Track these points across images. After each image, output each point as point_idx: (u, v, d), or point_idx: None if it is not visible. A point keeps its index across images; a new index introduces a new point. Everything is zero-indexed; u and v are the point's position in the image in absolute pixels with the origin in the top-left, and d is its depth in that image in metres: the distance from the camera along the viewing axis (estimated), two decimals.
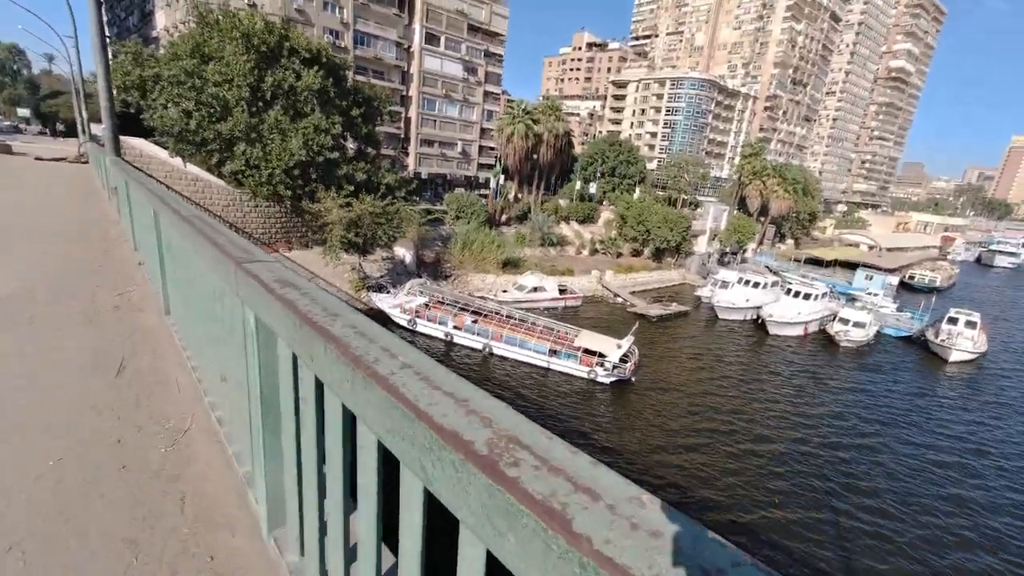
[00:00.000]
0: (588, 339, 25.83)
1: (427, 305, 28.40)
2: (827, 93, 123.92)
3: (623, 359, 24.87)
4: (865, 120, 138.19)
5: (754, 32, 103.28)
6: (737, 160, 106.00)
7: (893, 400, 27.26)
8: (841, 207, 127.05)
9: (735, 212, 63.09)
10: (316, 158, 28.33)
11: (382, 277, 32.25)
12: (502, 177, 49.81)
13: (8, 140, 24.70)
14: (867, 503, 17.43)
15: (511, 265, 40.32)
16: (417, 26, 52.87)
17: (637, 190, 75.59)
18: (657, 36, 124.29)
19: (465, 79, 57.90)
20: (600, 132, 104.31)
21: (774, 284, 41.37)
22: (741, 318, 39.22)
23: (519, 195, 51.06)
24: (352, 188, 30.09)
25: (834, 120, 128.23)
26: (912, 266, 67.52)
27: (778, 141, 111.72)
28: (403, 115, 54.75)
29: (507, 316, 28.95)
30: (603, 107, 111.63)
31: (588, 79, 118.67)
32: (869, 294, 46.62)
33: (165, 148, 29.10)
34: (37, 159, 18.63)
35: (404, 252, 35.16)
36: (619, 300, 41.57)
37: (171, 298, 3.16)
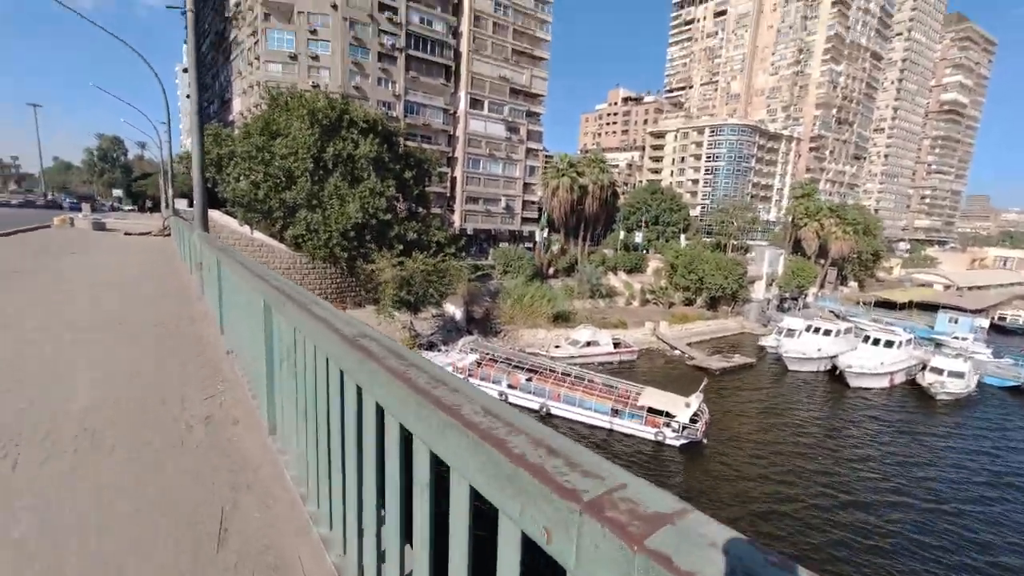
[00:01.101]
0: (652, 397, 24.15)
1: (479, 363, 27.66)
2: (875, 130, 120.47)
3: (693, 419, 22.91)
4: (920, 155, 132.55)
5: (792, 76, 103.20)
6: (786, 202, 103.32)
7: (1011, 459, 23.59)
8: (903, 245, 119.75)
9: (790, 256, 60.28)
10: (371, 220, 29.22)
11: (433, 334, 32.02)
12: (547, 230, 49.97)
13: (103, 218, 26.92)
14: None
15: (561, 319, 39.41)
16: (462, 93, 55.85)
17: (682, 237, 74.27)
18: (691, 87, 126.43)
19: (508, 138, 59.96)
20: (640, 182, 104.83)
21: (847, 331, 38.27)
22: (814, 369, 36.17)
23: (565, 247, 50.86)
24: (403, 247, 30.67)
25: (886, 156, 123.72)
26: (1000, 305, 61.45)
27: (827, 181, 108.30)
28: (449, 175, 56.82)
29: (563, 374, 27.72)
30: (642, 157, 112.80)
31: (625, 131, 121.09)
32: (957, 339, 42.22)
33: (234, 217, 31.01)
34: (126, 234, 19.92)
35: (454, 309, 35.05)
36: (676, 352, 39.49)
37: (278, 410, 2.54)
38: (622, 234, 59.86)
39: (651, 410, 23.47)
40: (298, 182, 28.09)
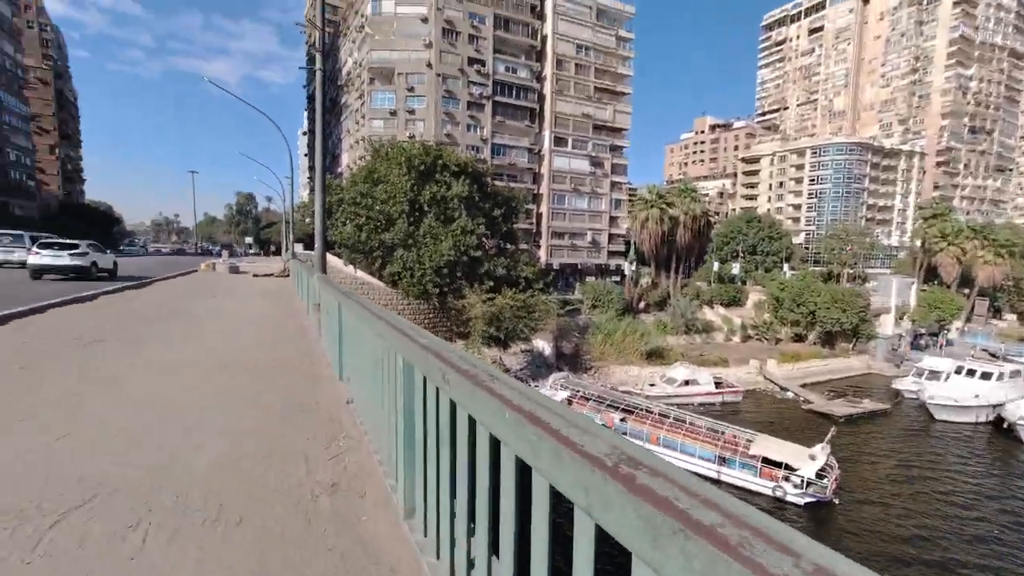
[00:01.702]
0: (768, 446, 21.46)
1: (571, 401, 26.63)
2: (1022, 138, 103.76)
3: (819, 474, 19.90)
4: None
5: (908, 87, 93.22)
6: (910, 224, 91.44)
7: None
8: None
9: (922, 285, 52.43)
10: (462, 257, 30.13)
11: (522, 370, 31.68)
12: (636, 263, 48.36)
13: (238, 262, 30.76)
14: None
15: (655, 355, 37.26)
16: (546, 132, 57.25)
17: (785, 267, 68.13)
18: (786, 108, 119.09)
19: (592, 173, 60.01)
20: (733, 210, 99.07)
21: (1015, 374, 31.81)
22: (971, 420, 30.31)
23: (656, 280, 48.73)
24: (493, 283, 31.10)
25: None
26: None
27: (962, 198, 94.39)
28: (534, 211, 57.73)
29: (661, 415, 25.77)
30: (734, 185, 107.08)
31: (713, 159, 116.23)
32: None
33: (340, 257, 33.70)
34: (254, 275, 22.38)
35: (543, 344, 34.58)
36: (788, 394, 35.40)
37: (416, 488, 2.10)
38: (715, 265, 56.27)
39: (766, 460, 20.82)
40: (396, 223, 29.93)
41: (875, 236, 69.92)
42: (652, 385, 32.49)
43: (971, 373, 31.76)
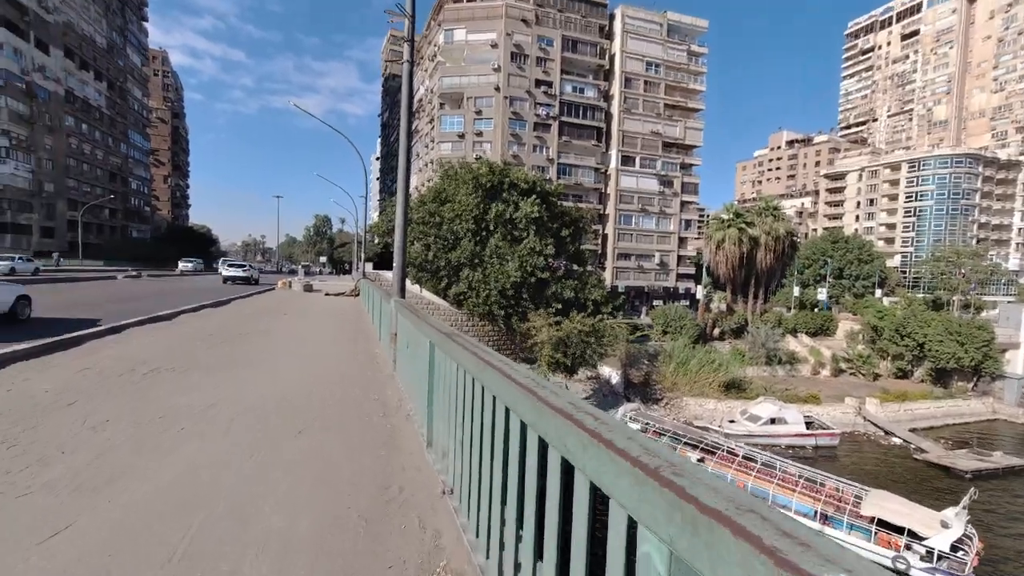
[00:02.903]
0: (885, 505, 18.32)
1: (643, 434, 24.60)
2: None
3: (955, 546, 16.61)
4: None
5: None
6: None
7: None
8: None
9: None
10: (529, 278, 29.36)
11: (588, 399, 30.01)
12: (709, 287, 45.33)
13: (312, 280, 31.87)
14: None
15: (733, 388, 34.16)
16: (614, 152, 55.97)
17: (878, 292, 61.35)
18: (874, 120, 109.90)
19: (661, 192, 57.73)
20: (814, 230, 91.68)
21: None
22: None
23: (731, 306, 45.33)
24: (560, 305, 30.01)
25: None
26: None
27: None
28: (600, 232, 56.22)
29: (746, 457, 23.11)
30: (815, 203, 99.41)
31: (791, 176, 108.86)
32: None
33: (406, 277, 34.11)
34: (326, 294, 22.85)
35: (610, 372, 32.75)
36: (894, 440, 30.96)
37: None
38: (796, 290, 51.51)
39: (882, 523, 17.75)
40: (462, 243, 29.82)
41: (998, 258, 61.35)
42: (732, 422, 29.54)
43: None
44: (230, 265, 33.19)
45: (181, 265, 46.60)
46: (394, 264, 5.89)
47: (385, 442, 3.57)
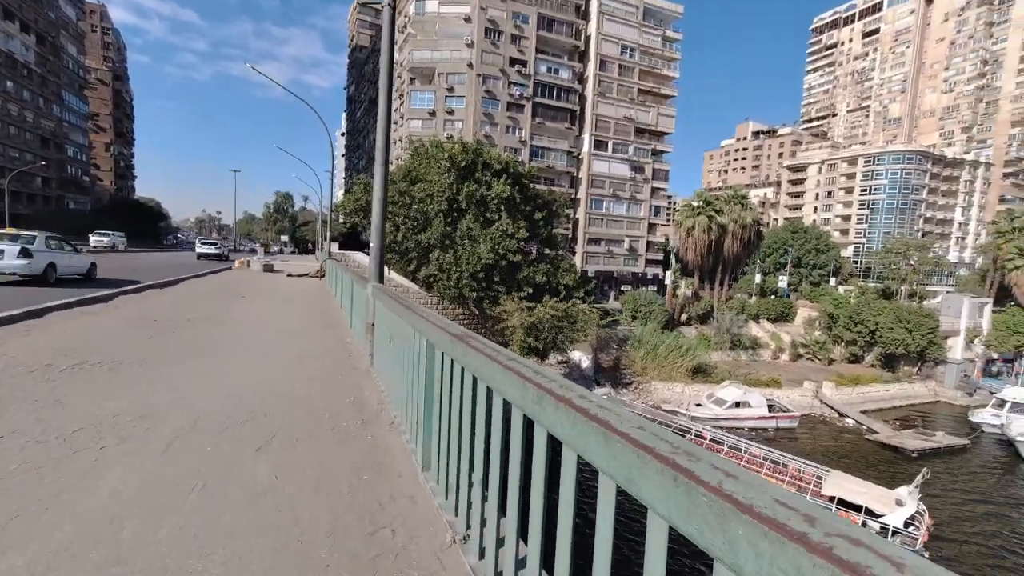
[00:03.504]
0: (843, 485, 19.10)
1: None
2: None
3: (908, 522, 17.46)
4: None
5: (974, 92, 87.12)
6: (972, 239, 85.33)
7: None
8: None
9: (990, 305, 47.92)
10: (501, 261, 28.73)
11: None
12: (678, 272, 45.96)
13: (272, 260, 30.16)
14: None
15: (700, 372, 34.90)
16: (586, 136, 55.45)
17: (832, 281, 64.14)
18: (835, 115, 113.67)
19: (632, 178, 57.82)
20: (775, 220, 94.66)
21: None
22: None
23: (698, 292, 46.17)
24: (532, 289, 29.59)
25: None
26: None
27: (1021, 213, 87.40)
28: (571, 216, 55.94)
29: (714, 440, 23.64)
30: (776, 194, 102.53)
31: (756, 167, 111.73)
32: None
33: None
34: (288, 275, 21.48)
35: (581, 356, 32.77)
36: (848, 422, 32.49)
37: None
38: (758, 278, 53.05)
39: (842, 503, 18.47)
40: (433, 223, 28.80)
41: (939, 251, 64.98)
42: (699, 405, 30.20)
43: None
44: (203, 243, 37.72)
45: (93, 240, 37.76)
46: (371, 244, 5.13)
47: (367, 462, 2.84)
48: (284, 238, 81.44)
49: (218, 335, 7.04)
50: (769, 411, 30.24)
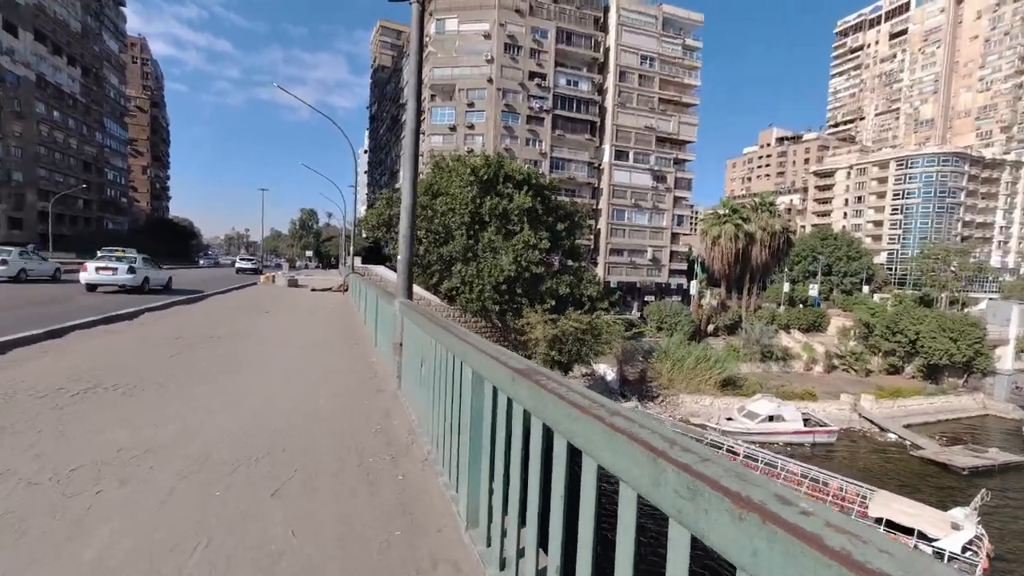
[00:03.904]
0: (892, 506, 17.87)
1: None
2: None
3: (965, 547, 16.15)
4: None
5: (1013, 90, 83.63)
6: (1015, 243, 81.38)
7: None
8: None
9: None
10: (524, 273, 28.37)
11: None
12: (704, 282, 44.82)
13: (297, 275, 30.56)
14: None
15: (729, 385, 33.68)
16: (607, 146, 55.06)
17: (865, 288, 61.75)
18: (862, 119, 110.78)
19: (654, 187, 57.03)
20: (802, 227, 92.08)
21: None
22: None
23: (726, 302, 44.89)
24: (555, 301, 29.09)
25: None
26: None
27: None
28: (593, 227, 55.39)
29: (748, 457, 22.56)
30: (803, 200, 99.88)
31: (780, 174, 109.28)
32: None
33: (394, 271, 32.92)
34: (312, 290, 21.54)
35: (605, 369, 32.04)
36: (889, 436, 30.80)
37: None
38: (786, 287, 51.34)
39: (890, 525, 17.24)
40: (455, 236, 28.69)
41: (981, 256, 61.98)
42: (729, 419, 29.04)
43: None
44: (242, 259, 47.12)
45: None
46: (399, 257, 4.79)
47: (400, 510, 2.46)
48: (309, 253, 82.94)
49: (240, 352, 6.82)
50: (805, 425, 28.87)
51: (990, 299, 53.79)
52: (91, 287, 16.01)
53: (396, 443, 3.49)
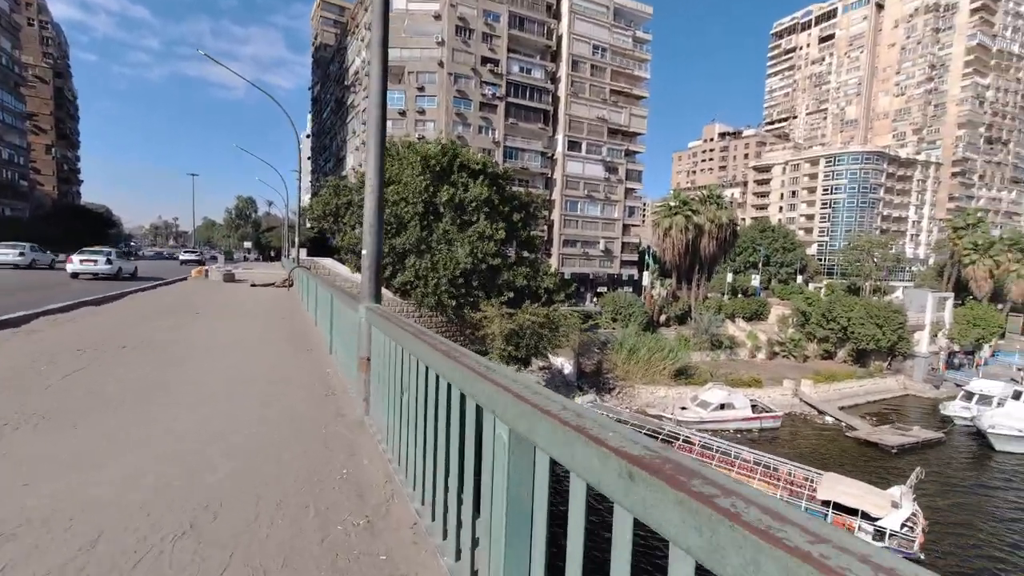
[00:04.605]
0: (837, 488, 18.75)
1: None
2: None
3: (904, 524, 17.19)
4: None
5: (923, 95, 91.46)
6: (925, 236, 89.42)
7: None
8: None
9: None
10: (480, 265, 27.53)
11: None
12: (656, 273, 45.77)
13: (234, 268, 27.96)
14: None
15: (682, 374, 34.57)
16: (560, 136, 54.86)
17: (799, 278, 65.76)
18: (795, 117, 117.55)
19: (607, 179, 57.59)
20: (743, 219, 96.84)
21: None
22: None
23: (676, 292, 46.11)
24: (512, 294, 28.49)
25: None
26: None
27: (976, 209, 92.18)
28: (546, 218, 55.21)
29: (704, 446, 23.07)
30: (743, 194, 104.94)
31: (723, 167, 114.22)
32: None
33: (343, 263, 31.04)
34: (252, 285, 19.64)
35: (562, 361, 31.87)
36: (827, 419, 32.75)
37: None
38: (729, 277, 53.64)
39: (837, 507, 18.08)
40: (408, 227, 27.34)
41: (897, 248, 67.54)
42: (684, 408, 29.75)
43: None
44: (186, 251, 50.01)
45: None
46: (364, 251, 3.84)
47: (371, 542, 1.64)
48: (247, 244, 77.58)
49: (156, 369, 5.60)
50: (752, 412, 30.07)
51: (904, 287, 58.74)
52: (74, 275, 19.58)
53: (370, 496, 2.64)
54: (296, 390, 4.94)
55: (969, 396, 32.44)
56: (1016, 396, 29.86)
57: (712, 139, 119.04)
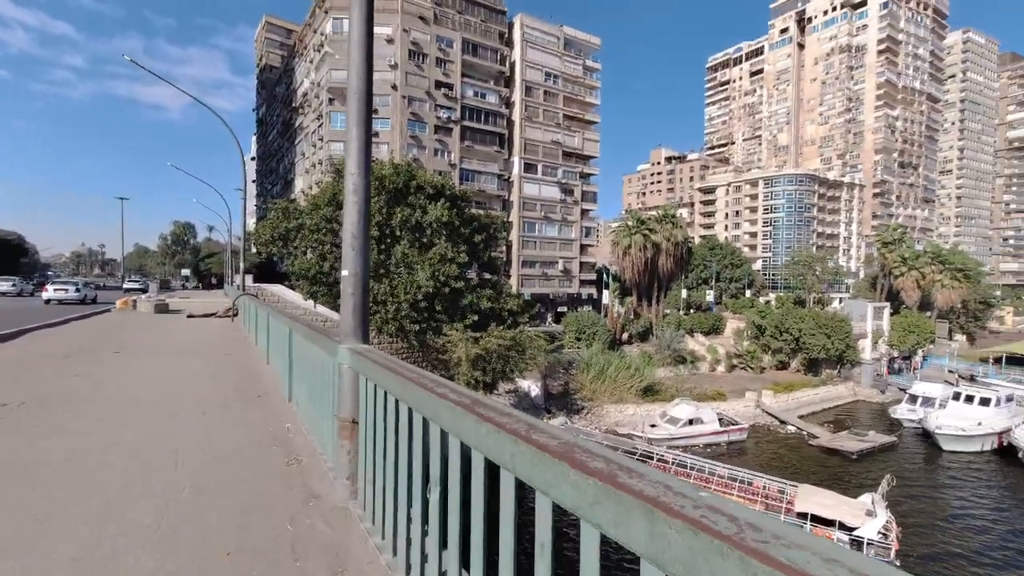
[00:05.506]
0: (813, 499, 18.68)
1: None
2: (943, 172, 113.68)
3: (879, 532, 17.22)
4: (995, 195, 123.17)
5: (844, 124, 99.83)
6: (855, 251, 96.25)
7: None
8: (996, 292, 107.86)
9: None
10: (442, 288, 26.40)
11: None
12: (618, 291, 46.11)
13: (168, 298, 25.33)
14: None
15: (649, 392, 34.44)
16: (516, 159, 55.18)
17: (747, 292, 68.68)
18: (733, 143, 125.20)
19: (563, 200, 58.27)
20: (693, 238, 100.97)
21: (1009, 398, 31.35)
22: (977, 448, 29.18)
23: (637, 310, 46.58)
24: (476, 317, 27.47)
25: (958, 198, 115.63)
26: None
27: (896, 226, 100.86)
28: (505, 239, 54.92)
29: (679, 464, 22.65)
30: (691, 214, 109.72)
31: (671, 189, 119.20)
32: None
33: (294, 290, 29.03)
34: (189, 316, 17.54)
35: (529, 384, 30.93)
36: (789, 428, 33.39)
37: None
38: (684, 293, 55.15)
39: (815, 519, 17.95)
40: None
41: (837, 262, 72.10)
42: (653, 426, 29.42)
43: (969, 399, 30.95)
44: (131, 280, 42.27)
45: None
46: (344, 273, 2.70)
47: None
48: (185, 272, 72.25)
49: (51, 446, 4.15)
50: (720, 425, 30.17)
51: (842, 298, 62.43)
52: (47, 301, 23.77)
53: None
54: (246, 457, 3.58)
55: (913, 399, 34.07)
56: (956, 397, 31.59)
57: (659, 163, 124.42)
